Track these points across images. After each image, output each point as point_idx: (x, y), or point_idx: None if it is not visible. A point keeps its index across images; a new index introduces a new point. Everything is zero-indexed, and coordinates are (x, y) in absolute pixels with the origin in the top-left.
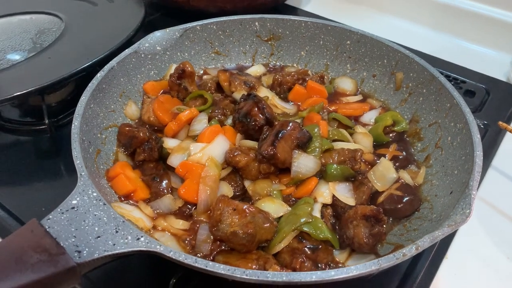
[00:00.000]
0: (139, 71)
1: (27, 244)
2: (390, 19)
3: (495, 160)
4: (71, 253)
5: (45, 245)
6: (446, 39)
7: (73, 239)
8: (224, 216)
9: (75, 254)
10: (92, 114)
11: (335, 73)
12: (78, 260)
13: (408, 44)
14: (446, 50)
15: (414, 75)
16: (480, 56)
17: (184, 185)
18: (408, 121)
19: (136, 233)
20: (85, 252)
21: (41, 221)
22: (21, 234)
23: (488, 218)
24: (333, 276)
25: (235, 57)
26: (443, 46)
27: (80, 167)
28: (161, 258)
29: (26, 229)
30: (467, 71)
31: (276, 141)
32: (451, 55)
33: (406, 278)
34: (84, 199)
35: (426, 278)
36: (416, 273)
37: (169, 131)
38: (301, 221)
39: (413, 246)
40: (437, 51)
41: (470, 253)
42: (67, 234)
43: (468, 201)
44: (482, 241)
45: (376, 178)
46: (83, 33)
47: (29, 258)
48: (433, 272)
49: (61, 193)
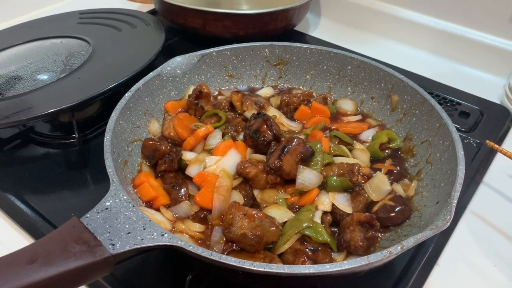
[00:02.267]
0: (161, 91)
1: (70, 237)
2: (392, 44)
3: (487, 177)
4: (107, 246)
5: (85, 238)
6: (444, 63)
7: (107, 234)
8: (235, 220)
9: (110, 246)
10: (120, 129)
11: (337, 95)
12: (112, 251)
13: (409, 67)
14: (443, 74)
15: (408, 98)
16: (475, 80)
17: (200, 193)
18: (402, 139)
19: (160, 230)
20: (118, 245)
21: (80, 218)
22: (64, 229)
23: (478, 230)
24: (328, 269)
25: (246, 79)
26: (441, 70)
27: (112, 175)
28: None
29: (68, 225)
30: (462, 93)
31: (282, 155)
32: (448, 78)
33: (398, 283)
34: (116, 202)
35: (417, 283)
36: (408, 278)
37: (187, 145)
38: (303, 225)
39: (398, 245)
40: (435, 74)
41: (460, 261)
42: (103, 230)
43: (449, 209)
44: (472, 250)
45: (371, 190)
46: (109, 56)
47: (72, 248)
48: (424, 277)
49: (88, 200)
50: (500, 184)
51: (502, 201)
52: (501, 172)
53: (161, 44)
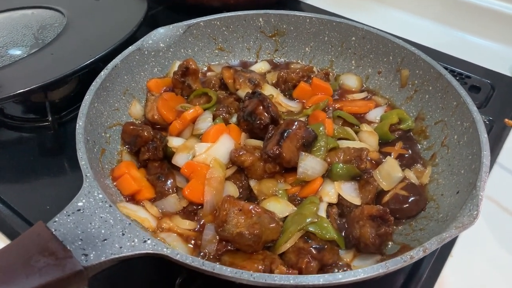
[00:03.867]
0: (143, 68)
1: (34, 248)
2: (393, 12)
3: (500, 157)
4: (78, 257)
5: (52, 249)
6: (450, 32)
7: (79, 242)
8: (230, 216)
9: (82, 258)
10: (96, 113)
11: (340, 69)
12: (85, 263)
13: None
14: (450, 44)
15: (420, 72)
16: (484, 50)
17: (189, 186)
18: (413, 118)
19: (142, 236)
20: (92, 255)
21: (47, 223)
22: (27, 237)
23: (492, 215)
24: (341, 279)
25: (239, 53)
26: (447, 40)
27: (85, 168)
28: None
29: (32, 232)
30: (471, 65)
31: (282, 140)
32: (455, 49)
33: (411, 277)
34: (90, 201)
35: (431, 276)
36: (421, 272)
37: (174, 130)
38: (306, 221)
39: (420, 248)
40: (441, 45)
41: (475, 251)
42: (74, 237)
43: (475, 202)
44: (487, 238)
45: (381, 177)
46: (85, 28)
47: (36, 262)
48: (438, 270)
49: (66, 190)
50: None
51: None
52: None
53: (143, 13)
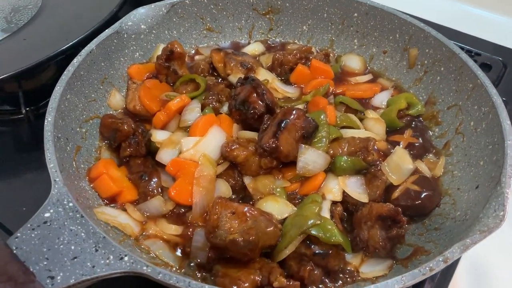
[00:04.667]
0: (122, 53)
1: None
2: None
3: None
4: (43, 280)
5: (11, 272)
6: (457, 6)
7: (45, 262)
8: (222, 221)
9: (48, 281)
10: (69, 106)
11: (341, 49)
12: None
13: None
14: (457, 19)
15: (430, 51)
16: (494, 25)
17: (176, 186)
18: (423, 103)
19: (118, 252)
20: (59, 277)
21: (7, 240)
22: None
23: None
24: None
25: (229, 33)
26: (455, 14)
27: (54, 172)
28: None
29: None
30: (481, 42)
31: (279, 132)
32: (463, 25)
33: None
34: (59, 211)
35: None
36: None
37: (158, 122)
38: (308, 223)
39: (440, 258)
40: (448, 20)
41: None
42: (38, 256)
43: (501, 201)
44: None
45: (390, 170)
46: (62, 10)
47: None
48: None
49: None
50: None
51: None
52: None
53: None
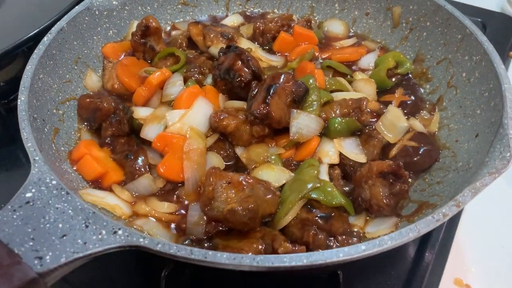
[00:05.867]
0: (95, 31)
1: None
2: None
3: None
4: (30, 261)
5: None
6: None
7: (30, 243)
8: (217, 192)
9: (35, 262)
10: (42, 87)
11: (322, 15)
12: (39, 269)
13: None
14: None
15: (414, 8)
16: None
17: (164, 162)
18: (411, 60)
19: (111, 226)
20: (48, 257)
21: None
22: None
23: None
24: (365, 251)
25: (205, 7)
26: None
27: (32, 151)
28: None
29: None
30: (459, 4)
31: (269, 97)
32: None
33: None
34: (42, 190)
35: (447, 234)
36: (437, 230)
37: (139, 98)
38: (308, 187)
39: (452, 202)
40: None
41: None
42: (23, 237)
43: (505, 143)
44: (501, 188)
45: (386, 129)
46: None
47: None
48: (453, 227)
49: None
50: None
51: None
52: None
53: None
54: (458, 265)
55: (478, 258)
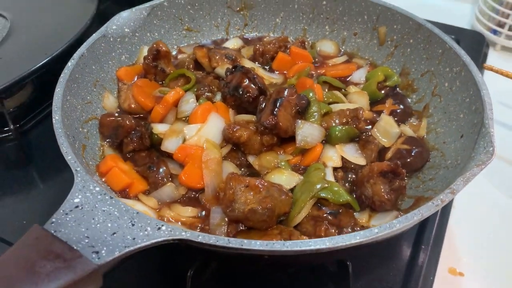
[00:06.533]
0: (110, 56)
1: (35, 253)
2: None
3: None
4: (88, 255)
5: (57, 251)
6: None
7: (86, 240)
8: (237, 194)
9: (93, 256)
10: (70, 107)
11: (314, 37)
12: (97, 261)
13: None
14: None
15: (398, 27)
16: (443, 10)
17: (185, 171)
18: (398, 74)
19: (155, 223)
20: (103, 251)
21: (44, 225)
22: (24, 243)
23: None
24: (377, 233)
25: (207, 32)
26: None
27: (73, 163)
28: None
29: (28, 237)
30: (435, 24)
31: (276, 109)
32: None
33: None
34: (87, 196)
35: (440, 228)
36: (430, 226)
37: (156, 115)
38: (317, 187)
39: (447, 191)
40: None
41: (474, 198)
42: (78, 236)
43: (488, 139)
44: (483, 185)
45: (381, 135)
46: (33, 29)
47: (42, 267)
48: (444, 222)
49: (40, 202)
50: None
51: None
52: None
53: (95, 6)
54: (451, 256)
55: (469, 248)
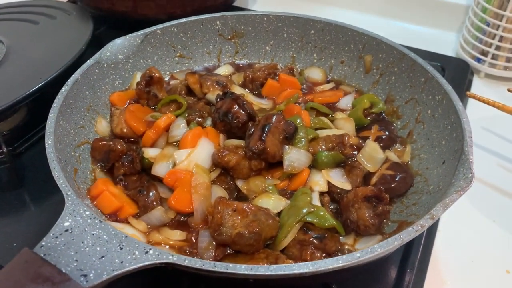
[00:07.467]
0: (103, 82)
1: (24, 277)
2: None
3: None
4: (77, 278)
5: (45, 274)
6: (394, 24)
7: (75, 263)
8: (225, 218)
9: (82, 279)
10: (63, 132)
11: (302, 64)
12: (85, 284)
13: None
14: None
15: (383, 56)
16: (428, 37)
17: (175, 195)
18: (383, 101)
19: (143, 247)
20: (91, 275)
21: (34, 249)
22: (14, 267)
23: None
24: (359, 258)
25: (199, 59)
26: (392, 31)
27: (64, 187)
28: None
29: (18, 260)
30: (421, 51)
31: (264, 135)
32: (403, 40)
33: (406, 257)
34: (77, 220)
35: (425, 253)
36: (415, 250)
37: (148, 140)
38: (303, 211)
39: (427, 216)
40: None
41: (459, 222)
42: (68, 259)
43: (467, 166)
44: (468, 209)
45: (366, 160)
46: (29, 54)
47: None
48: (429, 246)
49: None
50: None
51: (483, 155)
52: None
53: (90, 32)
54: (436, 279)
55: (454, 272)
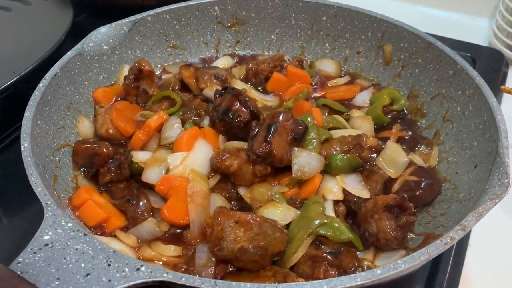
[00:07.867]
0: (86, 76)
1: None
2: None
3: None
4: None
5: None
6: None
7: (56, 282)
8: (226, 231)
9: None
10: (40, 133)
11: (313, 55)
12: None
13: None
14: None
15: (405, 45)
16: (457, 24)
17: (168, 205)
18: (406, 97)
19: (134, 263)
20: None
21: (9, 266)
22: None
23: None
24: (380, 275)
25: (195, 49)
26: (418, 17)
27: (43, 196)
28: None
29: None
30: (448, 40)
31: (270, 136)
32: (428, 27)
33: (433, 274)
34: (59, 232)
35: (454, 270)
36: (444, 267)
37: (137, 142)
38: (315, 223)
39: (458, 227)
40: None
41: (493, 235)
42: (48, 277)
43: (503, 170)
44: (502, 219)
45: (386, 164)
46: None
47: None
48: (460, 262)
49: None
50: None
51: None
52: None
53: (70, 19)
54: None
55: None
